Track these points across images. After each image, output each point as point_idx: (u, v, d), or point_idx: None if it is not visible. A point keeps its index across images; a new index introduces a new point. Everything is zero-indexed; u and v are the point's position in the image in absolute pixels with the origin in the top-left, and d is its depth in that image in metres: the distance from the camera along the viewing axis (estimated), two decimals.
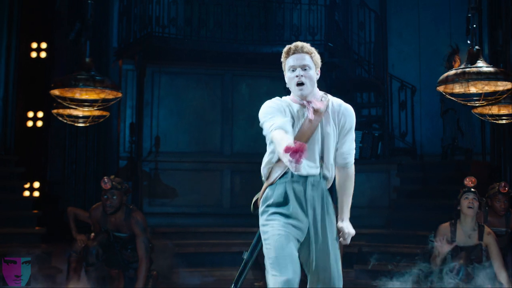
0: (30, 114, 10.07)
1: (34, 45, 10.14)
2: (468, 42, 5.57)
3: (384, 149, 10.23)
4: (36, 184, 9.95)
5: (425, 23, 10.70)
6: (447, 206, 8.76)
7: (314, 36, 9.76)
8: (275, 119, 3.10)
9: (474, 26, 5.55)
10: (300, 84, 3.20)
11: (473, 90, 5.48)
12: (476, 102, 5.48)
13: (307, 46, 3.29)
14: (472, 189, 5.79)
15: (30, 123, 10.07)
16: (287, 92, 3.29)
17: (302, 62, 3.23)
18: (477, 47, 5.49)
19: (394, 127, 10.67)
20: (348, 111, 3.31)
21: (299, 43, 3.30)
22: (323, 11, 10.07)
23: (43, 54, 10.16)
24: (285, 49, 3.31)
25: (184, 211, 9.73)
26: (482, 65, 5.40)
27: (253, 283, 6.97)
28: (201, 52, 9.68)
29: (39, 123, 10.12)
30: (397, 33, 10.94)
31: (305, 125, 3.17)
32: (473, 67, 5.41)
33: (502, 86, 5.40)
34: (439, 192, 8.88)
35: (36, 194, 9.76)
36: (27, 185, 9.26)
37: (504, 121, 7.19)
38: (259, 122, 3.18)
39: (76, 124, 7.37)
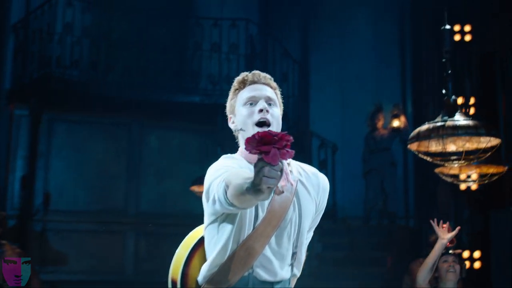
0: None
1: None
2: (443, 91, 4.88)
3: None
4: None
5: (348, 78, 10.15)
6: (377, 274, 8.41)
7: None
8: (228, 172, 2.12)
9: (449, 72, 4.87)
10: (263, 123, 2.26)
11: (452, 148, 4.72)
12: (455, 162, 4.71)
13: (269, 77, 2.42)
14: (451, 251, 4.90)
15: None
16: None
17: (265, 93, 2.34)
18: (454, 96, 4.79)
19: None
20: (327, 185, 2.43)
21: (258, 72, 2.42)
22: (242, 60, 9.35)
23: None
24: (238, 79, 2.42)
25: (81, 278, 8.51)
26: (460, 118, 4.69)
27: None
28: (107, 98, 8.65)
29: None
30: (319, 87, 10.32)
31: (275, 199, 2.18)
32: (450, 120, 4.69)
33: (485, 142, 4.67)
34: (366, 260, 8.37)
35: None
36: None
37: (464, 186, 6.52)
38: (204, 197, 2.21)
39: None
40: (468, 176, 6.01)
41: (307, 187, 2.32)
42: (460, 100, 8.57)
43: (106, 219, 8.78)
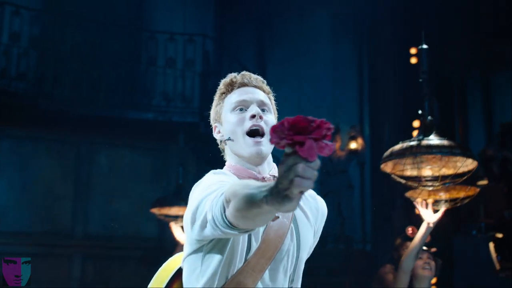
0: None
1: None
2: (420, 111, 4.66)
3: None
4: None
5: (305, 98, 9.94)
6: None
7: (189, 104, 8.63)
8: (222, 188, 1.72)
9: (426, 93, 4.66)
10: (256, 132, 1.93)
11: (428, 173, 4.48)
12: (431, 186, 4.47)
13: (262, 79, 2.09)
14: (425, 247, 4.62)
15: None
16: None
17: (257, 96, 2.01)
18: (430, 117, 4.57)
19: None
20: (326, 210, 2.10)
21: (248, 73, 2.08)
22: (198, 77, 9.02)
23: None
24: (224, 81, 2.08)
25: None
26: (434, 138, 4.47)
27: None
28: (54, 113, 8.16)
29: None
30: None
31: (270, 226, 1.86)
32: (425, 139, 4.46)
33: (462, 166, 4.44)
34: (323, 286, 8.07)
35: None
36: None
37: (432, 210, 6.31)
38: (189, 220, 1.81)
39: None
40: (437, 201, 5.82)
41: (306, 211, 2.00)
42: (417, 123, 8.53)
43: (51, 241, 8.26)
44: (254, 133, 1.92)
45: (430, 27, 8.58)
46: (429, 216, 4.30)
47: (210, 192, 1.71)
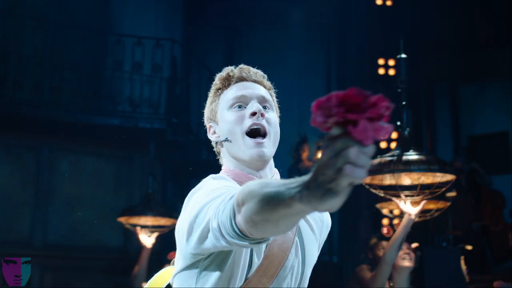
0: None
1: None
2: (398, 123, 4.53)
3: None
4: None
5: None
6: None
7: (156, 109, 8.37)
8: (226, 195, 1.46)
9: (404, 103, 4.53)
10: (257, 132, 1.72)
11: (407, 181, 4.36)
12: (409, 196, 4.36)
13: (262, 74, 1.89)
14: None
15: None
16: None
17: (258, 92, 1.80)
18: (408, 129, 4.45)
19: None
20: (330, 221, 1.92)
21: (247, 66, 1.88)
22: (164, 83, 8.77)
23: None
24: (220, 75, 1.86)
25: None
26: (413, 153, 4.35)
27: None
28: (14, 117, 7.82)
29: None
30: None
31: (275, 240, 1.64)
32: (403, 154, 4.34)
33: (440, 176, 4.35)
34: None
35: None
36: None
37: (397, 221, 6.24)
38: (185, 230, 1.57)
39: None
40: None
41: (310, 222, 1.81)
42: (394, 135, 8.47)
43: (9, 251, 7.80)
44: (255, 133, 1.73)
45: (398, 37, 8.57)
46: (410, 209, 4.23)
47: (214, 197, 1.48)
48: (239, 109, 1.76)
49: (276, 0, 9.50)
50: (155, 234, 5.94)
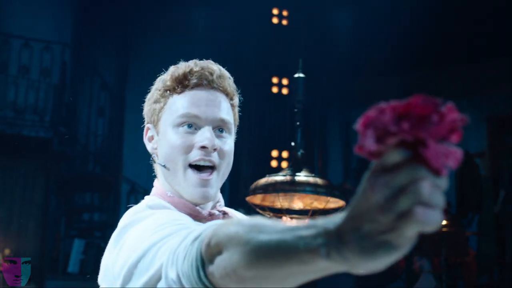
0: None
1: None
2: (292, 143, 4.40)
3: None
4: None
5: None
6: None
7: (42, 117, 7.84)
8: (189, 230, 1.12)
9: (298, 123, 4.40)
10: (200, 168, 1.42)
11: (299, 205, 4.20)
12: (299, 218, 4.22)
13: (227, 75, 1.54)
14: None
15: None
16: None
17: (217, 112, 1.46)
18: (301, 150, 4.32)
19: None
20: None
21: (210, 66, 1.50)
22: (51, 90, 8.25)
23: None
24: (175, 72, 1.47)
25: None
26: (302, 174, 4.22)
27: None
28: None
29: None
30: (134, 127, 9.50)
31: None
32: (290, 175, 4.20)
33: (334, 203, 4.23)
34: None
35: None
36: None
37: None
38: (121, 277, 1.24)
39: None
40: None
41: None
42: (285, 154, 8.42)
43: None
44: (199, 168, 1.42)
45: (292, 57, 8.59)
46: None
47: (163, 236, 1.17)
48: (188, 129, 1.42)
49: (175, 11, 9.24)
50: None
